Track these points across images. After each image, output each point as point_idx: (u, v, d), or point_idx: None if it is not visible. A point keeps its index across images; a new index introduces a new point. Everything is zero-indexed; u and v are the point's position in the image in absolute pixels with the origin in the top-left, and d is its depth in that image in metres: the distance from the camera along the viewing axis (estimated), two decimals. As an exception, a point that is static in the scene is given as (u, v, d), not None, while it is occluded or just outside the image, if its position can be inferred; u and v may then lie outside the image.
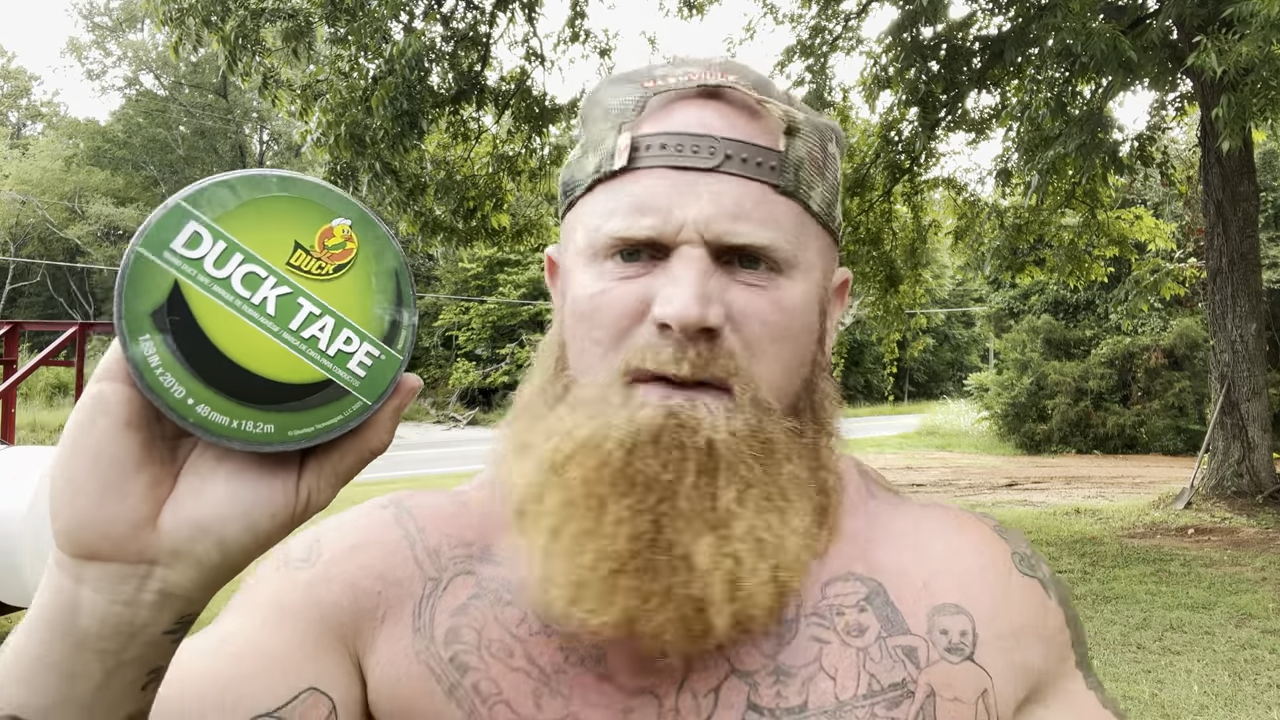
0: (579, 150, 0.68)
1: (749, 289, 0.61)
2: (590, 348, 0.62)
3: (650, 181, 0.61)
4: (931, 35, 9.81)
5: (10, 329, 6.64)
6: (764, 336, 0.61)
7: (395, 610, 0.67)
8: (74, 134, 40.14)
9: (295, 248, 0.45)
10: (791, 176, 0.63)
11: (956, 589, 0.67)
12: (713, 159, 0.61)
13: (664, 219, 0.60)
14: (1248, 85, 6.37)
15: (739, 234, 0.60)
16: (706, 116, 0.62)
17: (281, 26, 8.06)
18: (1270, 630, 5.34)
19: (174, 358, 0.43)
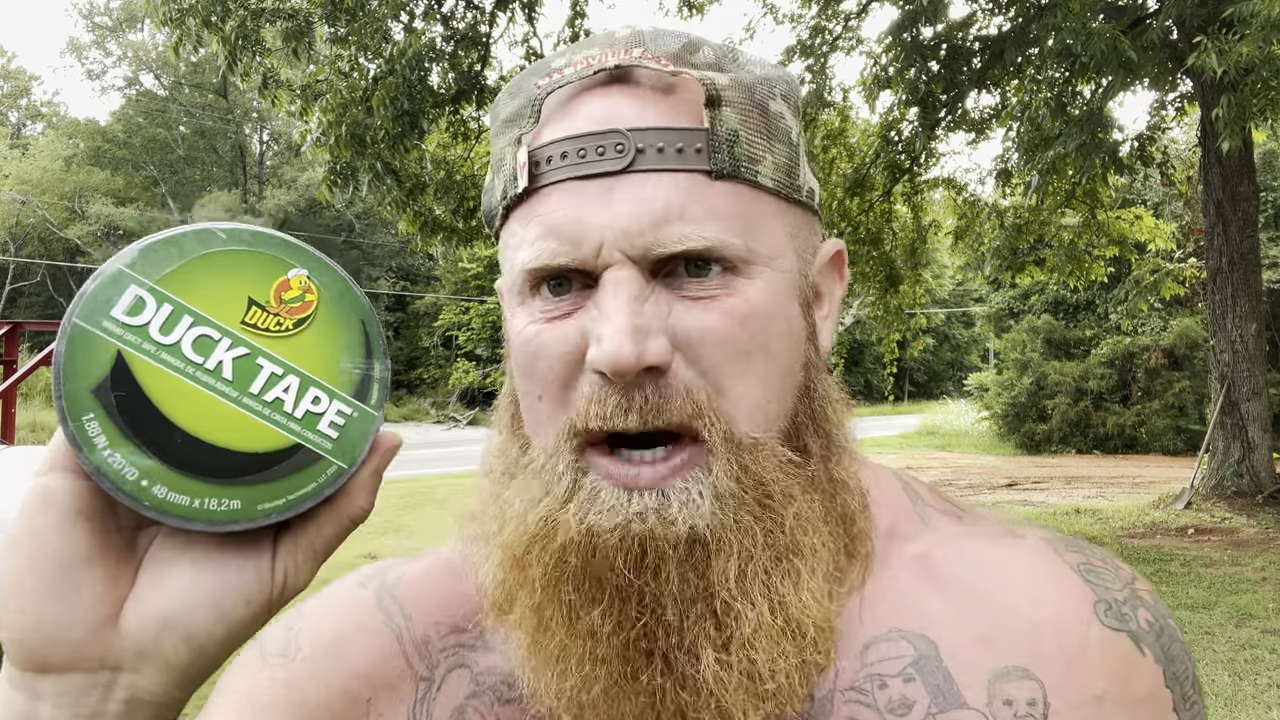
0: (490, 174, 0.58)
1: (699, 304, 0.50)
2: (534, 405, 0.54)
3: (557, 200, 0.51)
4: (931, 35, 9.81)
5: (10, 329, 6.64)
6: (725, 357, 0.50)
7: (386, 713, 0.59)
8: (74, 134, 40.15)
9: (250, 305, 0.41)
10: (725, 156, 0.51)
11: (1024, 647, 0.54)
12: (621, 158, 0.50)
13: (575, 243, 0.50)
14: (1248, 85, 6.38)
15: (671, 241, 0.49)
16: (612, 106, 0.52)
17: (281, 26, 8.05)
18: (1270, 630, 5.34)
19: (122, 435, 0.39)
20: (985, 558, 0.58)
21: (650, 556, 0.48)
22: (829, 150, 11.10)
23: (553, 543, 0.50)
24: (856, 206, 11.04)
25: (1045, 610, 0.55)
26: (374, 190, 8.80)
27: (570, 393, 0.51)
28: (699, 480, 0.49)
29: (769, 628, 0.49)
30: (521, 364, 0.54)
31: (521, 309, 0.54)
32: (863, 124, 11.69)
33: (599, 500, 0.49)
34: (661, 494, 0.49)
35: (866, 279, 11.84)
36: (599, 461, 0.50)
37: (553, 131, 0.53)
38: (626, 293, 0.49)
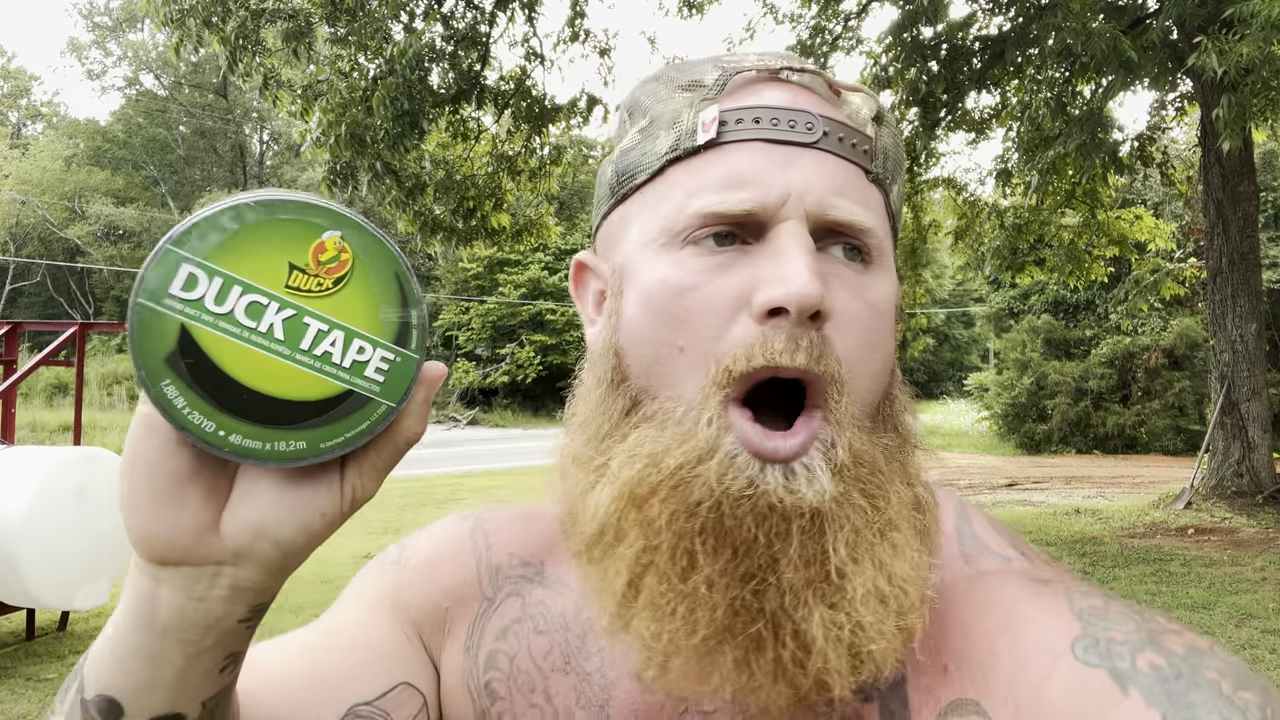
0: (635, 137, 0.60)
1: (847, 286, 0.54)
2: (671, 356, 0.54)
3: (744, 155, 0.55)
4: (931, 35, 9.81)
5: (10, 329, 6.64)
6: (863, 343, 0.54)
7: (456, 627, 0.69)
8: (74, 134, 40.14)
9: (291, 269, 0.45)
10: (880, 165, 0.58)
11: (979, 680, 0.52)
12: (811, 134, 0.55)
13: (765, 190, 0.53)
14: (1248, 85, 6.37)
15: (844, 210, 0.54)
16: (797, 96, 0.57)
17: (281, 27, 8.05)
18: (1270, 630, 5.34)
19: (197, 396, 0.44)
20: (980, 590, 0.56)
21: (777, 523, 0.50)
22: (829, 150, 11.09)
23: (688, 493, 0.51)
24: (856, 206, 11.03)
25: (1007, 641, 0.52)
26: (374, 190, 8.80)
27: (720, 342, 0.53)
28: (824, 454, 0.51)
29: (876, 591, 0.51)
30: (665, 311, 0.54)
31: (665, 256, 0.55)
32: (863, 124, 11.68)
33: (735, 464, 0.51)
34: (790, 469, 0.51)
35: (866, 279, 11.83)
36: (741, 424, 0.52)
37: (740, 101, 0.57)
38: (805, 242, 0.52)
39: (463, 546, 0.72)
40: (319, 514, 0.47)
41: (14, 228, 34.80)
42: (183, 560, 0.46)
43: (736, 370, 0.51)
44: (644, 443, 0.54)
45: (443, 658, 0.69)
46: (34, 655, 5.06)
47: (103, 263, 35.02)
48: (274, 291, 0.44)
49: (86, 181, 36.06)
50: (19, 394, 8.21)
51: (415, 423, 0.48)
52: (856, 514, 0.51)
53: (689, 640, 0.51)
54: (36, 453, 5.14)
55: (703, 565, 0.51)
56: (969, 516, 0.64)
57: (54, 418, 19.59)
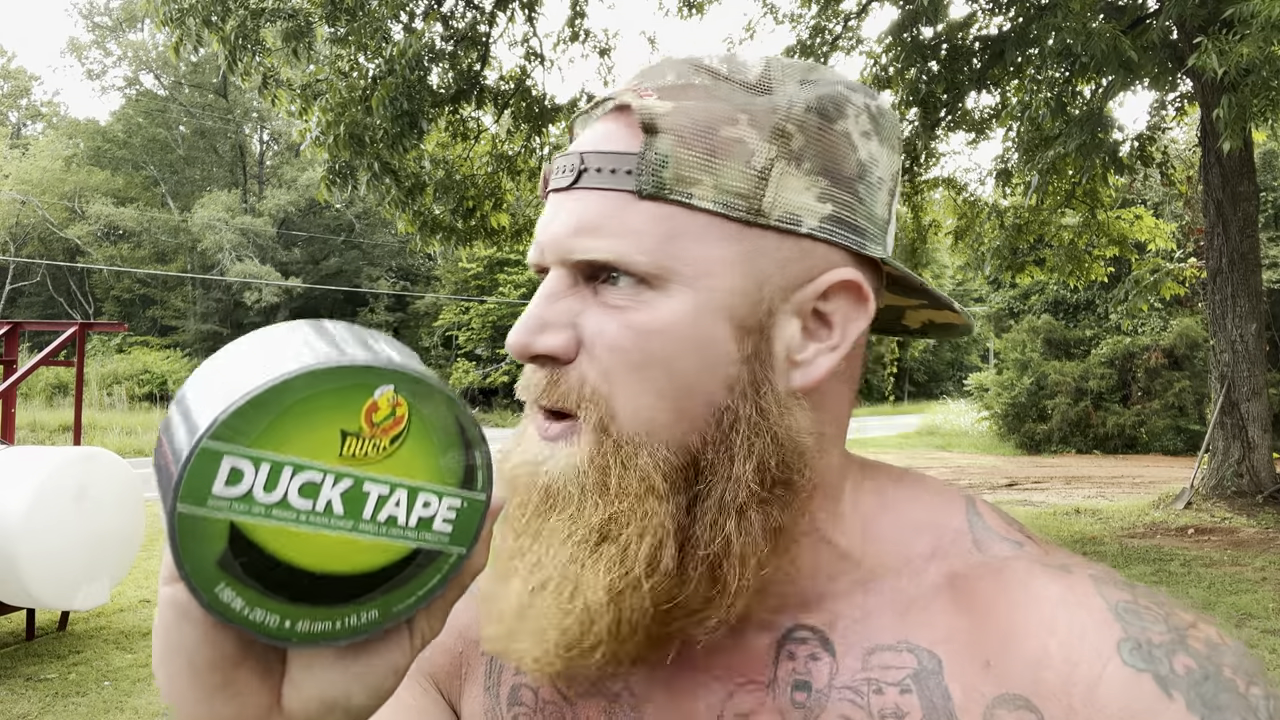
0: None
1: (607, 311, 0.55)
2: None
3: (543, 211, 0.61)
4: (931, 35, 9.81)
5: (10, 329, 6.63)
6: (618, 363, 0.54)
7: (473, 669, 0.68)
8: (74, 134, 40.15)
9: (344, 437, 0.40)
10: (648, 178, 0.54)
11: (1028, 676, 0.52)
12: (569, 176, 0.58)
13: (538, 249, 0.59)
14: (1248, 86, 6.37)
15: (579, 250, 0.55)
16: (591, 134, 0.59)
17: (281, 26, 8.05)
18: (1270, 630, 5.34)
19: (257, 594, 0.40)
20: (1015, 583, 0.56)
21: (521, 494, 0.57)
22: (829, 150, 11.08)
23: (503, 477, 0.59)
24: (856, 206, 11.02)
25: (1058, 640, 0.52)
26: (373, 190, 8.80)
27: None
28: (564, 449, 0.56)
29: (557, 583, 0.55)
30: None
31: None
32: (863, 124, 11.67)
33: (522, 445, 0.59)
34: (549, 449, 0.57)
35: (866, 279, 11.83)
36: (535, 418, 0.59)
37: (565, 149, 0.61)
38: (545, 290, 0.57)
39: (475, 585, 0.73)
40: (391, 671, 0.45)
41: (14, 228, 34.80)
42: None
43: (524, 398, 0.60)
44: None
45: (463, 703, 0.68)
46: (34, 655, 5.06)
47: (103, 263, 35.01)
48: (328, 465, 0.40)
49: (86, 181, 36.06)
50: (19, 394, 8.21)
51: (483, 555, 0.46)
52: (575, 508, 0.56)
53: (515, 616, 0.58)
54: (36, 453, 5.14)
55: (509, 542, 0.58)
56: (977, 508, 0.65)
57: (54, 418, 19.58)
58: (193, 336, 34.45)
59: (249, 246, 34.85)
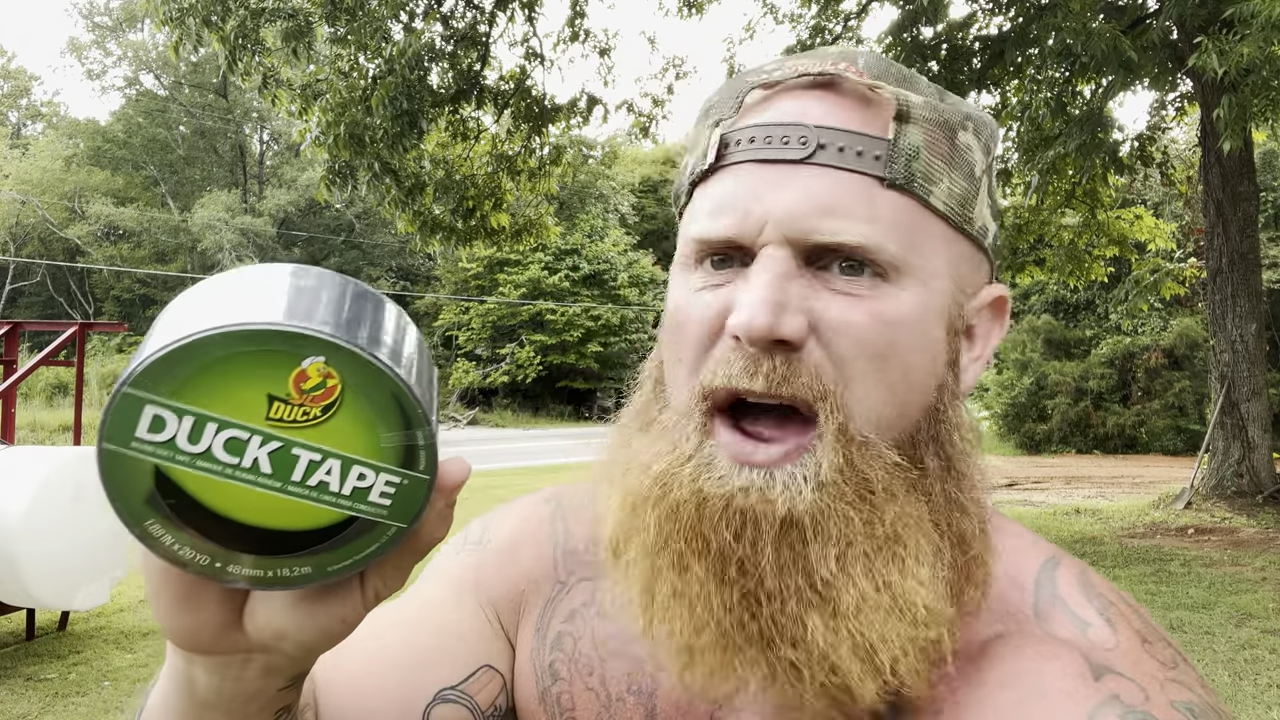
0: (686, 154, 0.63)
1: (844, 298, 0.52)
2: (675, 367, 0.58)
3: (734, 178, 0.55)
4: (931, 35, 9.81)
5: (10, 329, 6.63)
6: (860, 354, 0.52)
7: (530, 608, 0.70)
8: (74, 134, 40.13)
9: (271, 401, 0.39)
10: (901, 167, 0.54)
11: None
12: (803, 149, 0.53)
13: (742, 217, 0.53)
14: (1248, 86, 6.37)
15: (827, 231, 0.52)
16: (805, 105, 0.55)
17: (281, 26, 8.05)
18: (1270, 630, 5.34)
19: (185, 533, 0.40)
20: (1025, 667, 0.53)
21: (749, 529, 0.51)
22: (829, 150, 11.09)
23: (668, 496, 0.54)
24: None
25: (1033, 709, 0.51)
26: (373, 190, 8.80)
27: (706, 356, 0.55)
28: (805, 466, 0.52)
29: (874, 601, 0.51)
30: (670, 325, 0.58)
31: (681, 279, 0.58)
32: (863, 124, 11.68)
33: (713, 467, 0.53)
34: (769, 474, 0.52)
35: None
36: (722, 431, 0.54)
37: (748, 119, 0.57)
38: (774, 269, 0.52)
39: (542, 531, 0.73)
40: (339, 620, 0.45)
41: (14, 228, 34.79)
42: (208, 651, 0.45)
43: (707, 384, 0.54)
44: (641, 452, 0.57)
45: (518, 638, 0.70)
46: (34, 655, 5.06)
47: (103, 263, 35.01)
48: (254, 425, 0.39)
49: (86, 181, 36.05)
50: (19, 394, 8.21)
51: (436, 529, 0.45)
52: (844, 526, 0.51)
53: (697, 639, 0.53)
54: (36, 453, 5.14)
55: (693, 568, 0.53)
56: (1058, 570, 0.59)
57: (54, 418, 19.58)
58: (193, 336, 34.39)
59: (249, 246, 34.84)
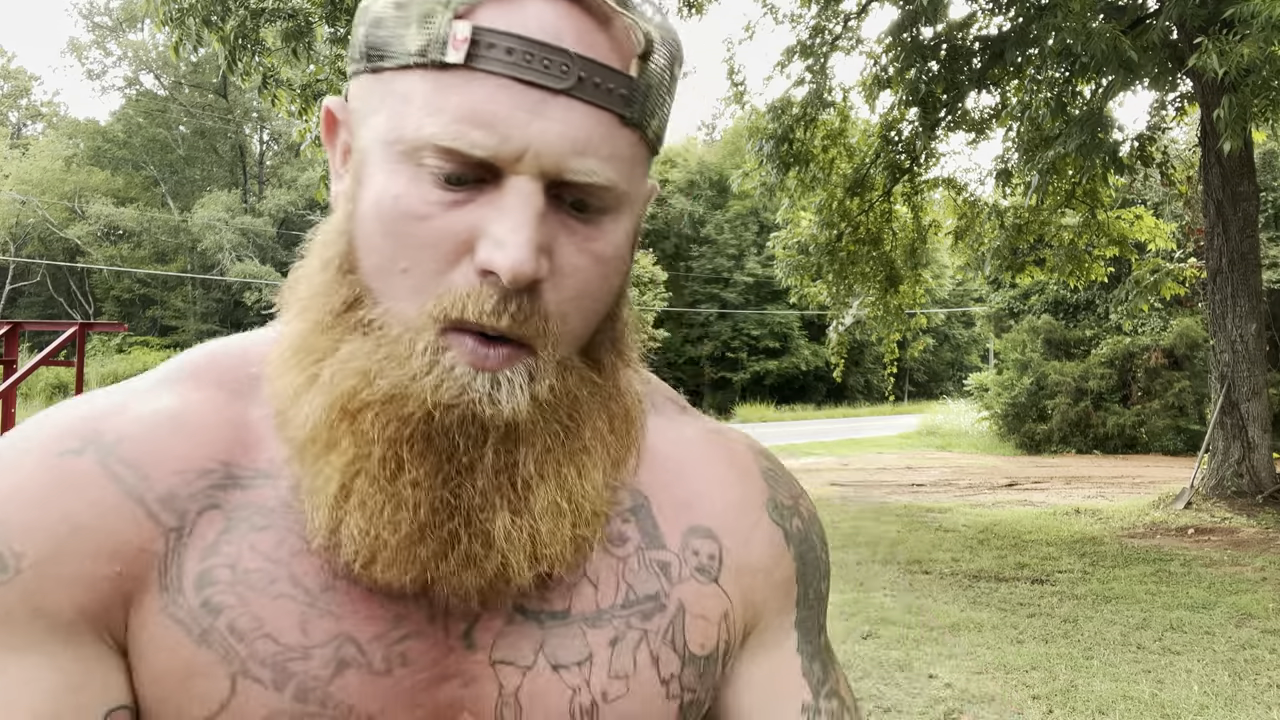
0: (392, 7, 0.55)
1: (573, 240, 0.55)
2: (393, 273, 0.55)
3: (490, 91, 0.52)
4: (931, 35, 9.81)
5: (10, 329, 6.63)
6: (579, 294, 0.56)
7: (140, 581, 0.56)
8: (74, 134, 40.13)
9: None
10: (639, 108, 0.55)
11: (712, 516, 0.69)
12: (565, 79, 0.52)
13: (500, 141, 0.51)
14: (1249, 86, 6.37)
15: (581, 170, 0.53)
16: (561, 21, 0.53)
17: (281, 26, 8.05)
18: (1270, 630, 5.34)
19: None
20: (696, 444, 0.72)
21: (476, 431, 0.55)
22: (829, 150, 11.10)
23: (401, 408, 0.54)
24: (856, 206, 11.04)
25: (733, 494, 0.70)
26: (374, 190, 8.80)
27: (442, 278, 0.54)
28: (523, 377, 0.56)
29: (554, 505, 0.58)
30: (393, 228, 0.54)
31: (399, 170, 0.54)
32: (863, 124, 11.68)
33: (453, 375, 0.54)
34: (496, 379, 0.55)
35: (866, 279, 11.83)
36: (461, 341, 0.55)
37: (497, 19, 0.52)
38: (533, 207, 0.52)
39: (103, 494, 0.56)
40: None
41: (14, 228, 34.79)
42: None
43: (453, 315, 0.54)
44: (356, 357, 0.56)
45: (131, 627, 0.56)
46: (34, 655, 5.06)
47: (103, 263, 35.01)
48: None
49: (86, 181, 36.05)
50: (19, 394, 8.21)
51: None
52: (550, 437, 0.58)
53: (393, 536, 0.55)
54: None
55: (409, 469, 0.55)
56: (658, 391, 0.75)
57: (54, 418, 19.55)
58: (193, 336, 34.44)
59: (249, 246, 34.84)
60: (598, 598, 0.63)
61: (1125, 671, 4.64)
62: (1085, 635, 5.28)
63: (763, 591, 0.69)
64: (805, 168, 10.71)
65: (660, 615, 0.64)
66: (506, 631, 0.61)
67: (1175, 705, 4.16)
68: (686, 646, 0.65)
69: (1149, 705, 4.15)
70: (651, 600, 0.64)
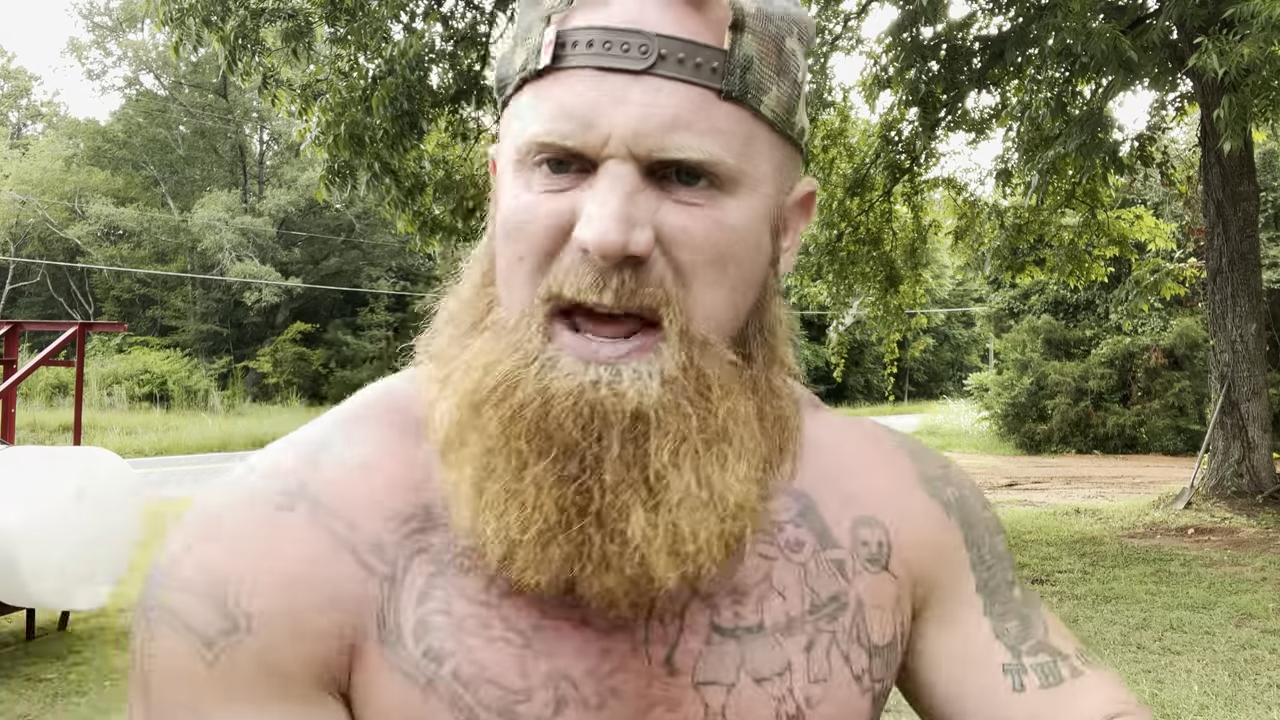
0: (511, 41, 0.61)
1: (685, 208, 0.55)
2: (514, 266, 0.57)
3: (574, 84, 0.54)
4: (931, 35, 9.81)
5: (10, 329, 6.63)
6: (700, 261, 0.55)
7: (361, 631, 0.57)
8: (74, 134, 40.12)
9: None
10: (737, 79, 0.55)
11: (874, 504, 0.70)
12: (644, 59, 0.53)
13: (584, 128, 0.53)
14: (1249, 86, 6.37)
15: (673, 148, 0.53)
16: (644, 8, 0.55)
17: (281, 26, 8.05)
18: (1270, 630, 5.34)
19: None
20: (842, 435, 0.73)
21: (597, 422, 0.53)
22: (829, 150, 11.10)
23: (512, 396, 0.54)
24: (856, 206, 11.04)
25: (884, 477, 0.71)
26: (372, 190, 8.79)
27: (552, 261, 0.56)
28: (650, 363, 0.55)
29: (694, 498, 0.55)
30: (511, 225, 0.57)
31: (518, 176, 0.58)
32: (863, 124, 11.68)
33: (558, 366, 0.54)
34: (615, 369, 0.54)
35: (866, 279, 11.83)
36: (563, 334, 0.55)
37: (583, 18, 0.55)
38: (623, 185, 0.53)
39: (317, 548, 0.57)
40: None
41: (14, 228, 34.78)
42: None
43: (553, 293, 0.55)
44: (480, 353, 0.57)
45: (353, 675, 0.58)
46: (34, 655, 5.06)
47: (103, 263, 35.00)
48: None
49: (86, 181, 36.04)
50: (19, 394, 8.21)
51: None
52: (682, 422, 0.55)
53: (523, 536, 0.54)
54: (37, 452, 5.14)
55: (531, 466, 0.54)
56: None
57: (54, 418, 19.58)
58: (193, 336, 34.43)
59: (249, 246, 34.83)
60: (786, 607, 0.64)
61: (1125, 671, 4.64)
62: (1085, 635, 5.28)
63: (932, 566, 0.70)
64: (805, 168, 10.70)
65: (844, 614, 0.66)
66: (706, 652, 0.61)
67: (1175, 705, 4.16)
68: (870, 639, 0.67)
69: (1149, 705, 4.15)
70: (835, 601, 0.66)
